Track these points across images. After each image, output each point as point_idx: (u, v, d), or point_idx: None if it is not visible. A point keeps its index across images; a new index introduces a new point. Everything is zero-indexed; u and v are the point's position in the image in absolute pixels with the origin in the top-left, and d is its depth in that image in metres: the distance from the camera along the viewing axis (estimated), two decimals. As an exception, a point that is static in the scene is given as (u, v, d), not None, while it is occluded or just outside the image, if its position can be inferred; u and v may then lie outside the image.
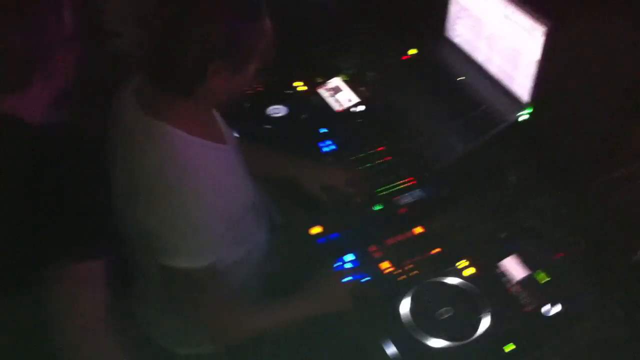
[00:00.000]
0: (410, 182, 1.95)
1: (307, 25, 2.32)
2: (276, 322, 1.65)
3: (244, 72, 1.42)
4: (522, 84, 2.00)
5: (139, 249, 1.57)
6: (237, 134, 1.77)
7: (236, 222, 1.55)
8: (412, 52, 2.33)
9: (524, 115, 2.00)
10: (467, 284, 1.67)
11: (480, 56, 2.17)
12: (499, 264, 1.72)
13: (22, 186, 1.30)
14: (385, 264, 1.74)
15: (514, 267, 1.70)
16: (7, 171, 1.31)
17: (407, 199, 1.90)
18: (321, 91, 2.27)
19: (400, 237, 1.81)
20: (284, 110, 2.20)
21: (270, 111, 2.19)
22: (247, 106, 2.16)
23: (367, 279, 1.72)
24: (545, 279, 1.67)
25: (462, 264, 1.72)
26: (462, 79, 2.18)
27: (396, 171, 1.98)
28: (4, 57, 1.27)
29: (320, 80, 2.31)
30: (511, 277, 1.68)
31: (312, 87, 2.29)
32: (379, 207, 1.88)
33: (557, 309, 1.60)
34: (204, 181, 1.42)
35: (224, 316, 1.59)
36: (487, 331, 1.57)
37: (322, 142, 2.08)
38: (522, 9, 1.91)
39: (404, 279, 1.70)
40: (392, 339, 1.58)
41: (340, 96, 2.24)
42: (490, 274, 1.70)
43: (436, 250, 1.77)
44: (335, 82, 2.30)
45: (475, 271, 1.70)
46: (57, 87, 1.39)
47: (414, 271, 1.72)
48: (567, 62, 1.95)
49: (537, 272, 1.69)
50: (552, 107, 1.99)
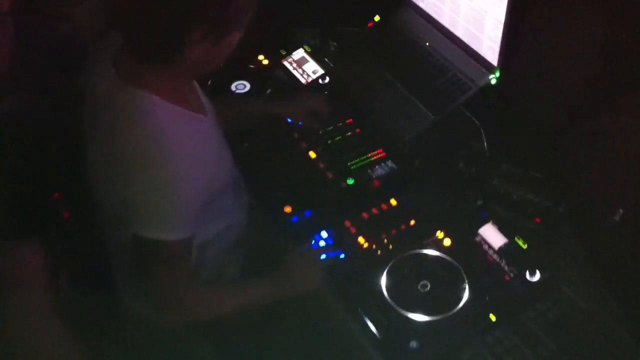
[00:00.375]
0: (380, 154, 1.91)
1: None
2: (245, 304, 1.62)
3: (225, 42, 1.36)
4: (490, 46, 1.95)
5: (113, 220, 1.53)
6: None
7: (216, 197, 1.51)
8: (376, 19, 2.27)
9: (492, 79, 1.96)
10: (444, 256, 1.64)
11: (445, 20, 2.12)
12: (477, 232, 1.69)
13: None
14: (360, 239, 1.71)
15: (491, 235, 1.67)
16: None
17: (379, 171, 1.86)
18: (286, 64, 2.21)
19: (374, 211, 1.77)
20: (249, 85, 2.13)
21: (234, 87, 2.12)
22: (210, 83, 2.08)
23: (342, 256, 1.68)
24: (524, 246, 1.65)
25: (439, 234, 1.69)
26: (428, 45, 2.13)
27: (366, 143, 1.94)
28: None
29: (283, 52, 2.24)
30: (489, 246, 1.66)
31: (275, 61, 2.22)
32: (351, 181, 1.83)
33: (537, 277, 1.58)
34: (184, 151, 1.37)
35: (181, 293, 1.53)
36: (468, 302, 1.55)
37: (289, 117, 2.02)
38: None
39: (380, 254, 1.67)
40: (372, 316, 1.55)
41: (306, 68, 2.18)
42: (467, 244, 1.67)
43: (411, 222, 1.74)
44: (299, 53, 2.23)
45: (451, 242, 1.67)
46: None
47: (390, 245, 1.69)
48: (534, 21, 1.92)
49: (516, 239, 1.66)
50: (520, 70, 1.96)
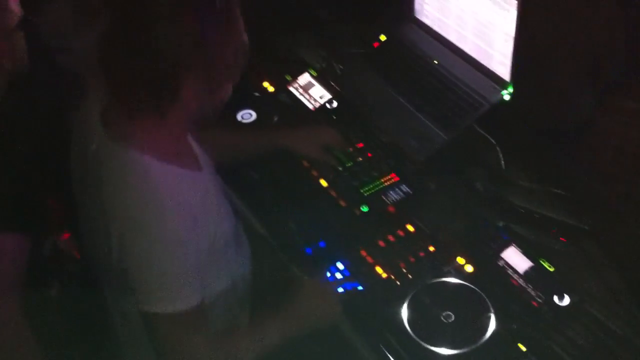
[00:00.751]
0: (393, 178, 1.84)
1: (266, 20, 2.20)
2: (264, 345, 1.53)
3: (219, 92, 1.31)
4: (500, 61, 1.89)
5: (115, 293, 1.45)
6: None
7: (219, 255, 1.44)
8: (382, 39, 2.21)
9: (505, 95, 1.90)
10: (467, 284, 1.56)
11: (452, 35, 2.06)
12: (500, 256, 1.61)
13: None
14: (378, 269, 1.64)
15: (515, 259, 1.60)
16: None
17: (393, 197, 1.80)
18: (292, 89, 2.15)
19: (391, 239, 1.70)
20: (255, 115, 2.07)
21: (240, 117, 2.07)
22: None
23: (360, 287, 1.62)
24: (550, 268, 1.57)
25: (460, 260, 1.62)
26: (436, 63, 2.07)
27: (379, 168, 1.87)
28: None
29: (288, 78, 2.19)
30: (514, 270, 1.58)
31: (281, 87, 2.17)
32: (365, 208, 1.77)
33: (566, 301, 1.51)
34: (182, 215, 1.29)
35: (217, 353, 1.45)
36: (495, 332, 1.47)
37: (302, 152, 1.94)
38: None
39: (399, 284, 1.60)
40: (394, 351, 1.49)
41: (313, 92, 2.12)
42: (490, 269, 1.60)
43: (430, 249, 1.67)
44: (305, 78, 2.17)
45: (473, 268, 1.60)
46: None
47: (409, 275, 1.61)
48: (543, 34, 1.87)
49: (541, 261, 1.59)
50: (532, 84, 1.90)
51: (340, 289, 1.62)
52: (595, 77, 1.98)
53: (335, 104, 2.08)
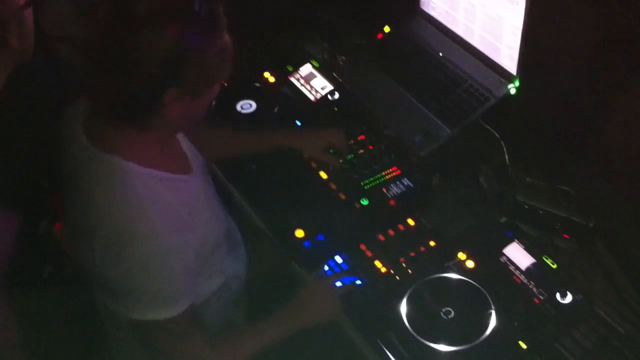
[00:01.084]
0: (395, 172, 1.81)
1: (269, 9, 2.17)
2: (263, 344, 1.50)
3: (204, 96, 1.26)
4: (508, 54, 1.85)
5: (103, 297, 1.41)
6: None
7: (209, 256, 1.41)
8: (386, 30, 2.18)
9: (512, 89, 1.86)
10: (468, 279, 1.53)
11: (459, 29, 2.03)
12: (502, 252, 1.59)
13: None
14: (377, 264, 1.61)
15: (517, 255, 1.57)
16: None
17: (394, 190, 1.76)
18: (293, 80, 2.12)
19: (391, 233, 1.67)
20: (255, 105, 2.04)
21: (240, 107, 2.04)
22: (214, 104, 2.00)
23: (359, 282, 1.58)
24: (553, 265, 1.54)
25: (461, 256, 1.59)
26: (441, 55, 2.03)
27: (380, 161, 1.84)
28: None
29: (290, 68, 2.15)
30: (516, 266, 1.55)
31: (282, 77, 2.13)
32: (365, 202, 1.74)
33: (568, 299, 1.47)
34: (169, 221, 1.25)
35: (212, 356, 1.42)
36: (495, 329, 1.44)
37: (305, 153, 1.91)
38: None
39: (399, 279, 1.57)
40: (392, 347, 1.45)
41: (314, 84, 2.09)
42: (492, 265, 1.57)
43: (431, 244, 1.63)
44: (306, 69, 2.14)
45: (475, 264, 1.57)
46: None
47: (409, 270, 1.58)
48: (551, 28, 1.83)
49: (544, 258, 1.56)
50: (539, 79, 1.86)
51: (338, 283, 1.59)
52: (602, 73, 1.94)
53: (337, 95, 2.05)
